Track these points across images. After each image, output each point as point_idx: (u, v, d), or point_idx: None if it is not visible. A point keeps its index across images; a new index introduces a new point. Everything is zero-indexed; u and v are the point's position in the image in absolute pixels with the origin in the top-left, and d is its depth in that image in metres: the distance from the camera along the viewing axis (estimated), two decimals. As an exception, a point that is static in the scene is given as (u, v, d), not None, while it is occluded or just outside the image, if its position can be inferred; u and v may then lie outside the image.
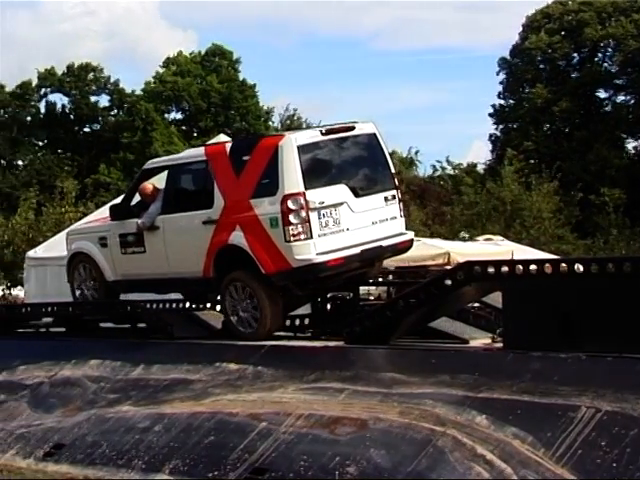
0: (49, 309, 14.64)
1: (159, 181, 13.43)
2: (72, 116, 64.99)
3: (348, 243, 11.73)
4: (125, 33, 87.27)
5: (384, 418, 9.14)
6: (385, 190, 12.26)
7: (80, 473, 10.37)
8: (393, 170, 12.56)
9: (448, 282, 10.39)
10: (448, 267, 17.50)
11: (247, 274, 11.90)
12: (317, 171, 11.82)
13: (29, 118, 64.21)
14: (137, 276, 13.28)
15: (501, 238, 26.47)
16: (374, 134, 12.44)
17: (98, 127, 65.44)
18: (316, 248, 11.50)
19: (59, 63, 64.67)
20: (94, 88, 65.28)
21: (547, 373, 8.95)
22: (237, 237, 11.84)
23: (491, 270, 10.01)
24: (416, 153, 63.63)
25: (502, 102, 58.56)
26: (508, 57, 57.93)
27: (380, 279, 14.67)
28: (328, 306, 13.00)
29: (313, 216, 11.48)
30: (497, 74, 58.22)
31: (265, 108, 64.81)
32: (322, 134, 11.96)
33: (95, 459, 10.57)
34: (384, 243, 12.07)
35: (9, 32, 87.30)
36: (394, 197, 12.33)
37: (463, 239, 29.79)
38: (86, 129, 65.98)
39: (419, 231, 34.43)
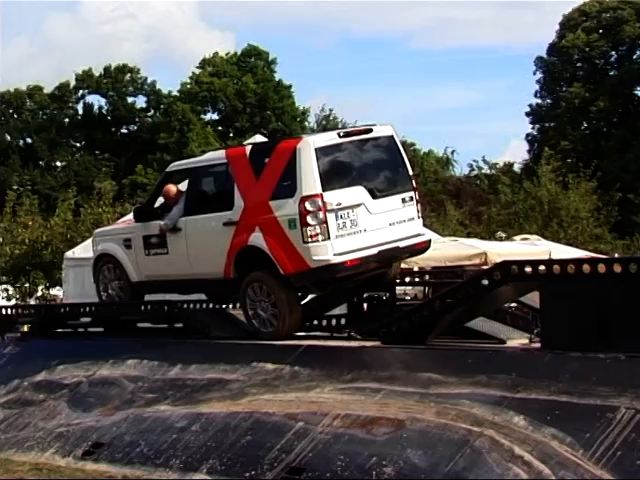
0: (87, 309, 14.75)
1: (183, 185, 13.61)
2: (109, 117, 65.43)
3: (365, 244, 11.83)
4: (164, 35, 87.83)
5: (421, 418, 9.12)
6: (403, 191, 12.33)
7: (118, 472, 10.43)
8: (411, 172, 12.60)
9: (485, 282, 10.34)
10: (485, 267, 17.42)
11: (266, 275, 12.04)
12: (335, 173, 11.93)
13: (67, 120, 64.74)
14: (160, 277, 13.43)
15: (538, 238, 26.32)
16: (392, 136, 12.57)
17: (135, 128, 65.84)
18: (333, 249, 11.62)
19: (98, 65, 65.20)
20: (131, 89, 65.70)
21: (586, 373, 8.89)
22: (256, 238, 11.99)
23: (528, 270, 9.95)
24: (452, 153, 63.54)
25: (539, 101, 58.30)
26: (545, 56, 57.60)
27: (417, 279, 14.65)
28: (364, 306, 13.01)
29: (331, 217, 11.61)
30: (534, 73, 58.01)
31: (301, 108, 64.92)
32: (340, 136, 12.10)
33: (133, 458, 10.63)
34: (401, 244, 12.14)
35: (50, 35, 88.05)
36: (412, 198, 12.38)
37: (500, 239, 29.67)
38: (123, 130, 66.43)
39: (456, 231, 34.41)
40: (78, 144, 65.80)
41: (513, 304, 12.42)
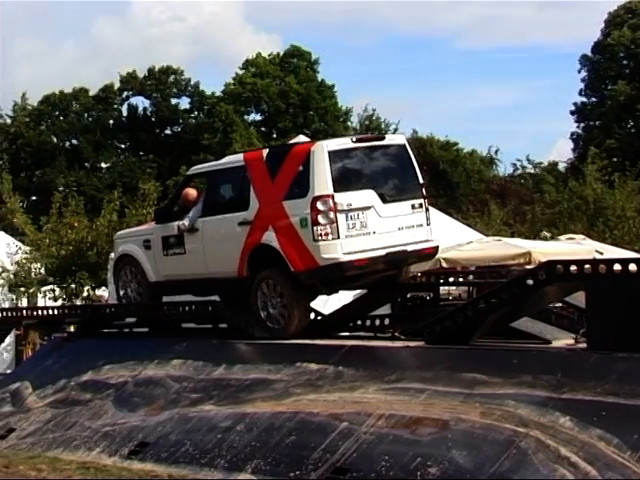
0: (132, 309, 14.86)
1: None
2: (153, 119, 65.81)
3: (374, 245, 12.15)
4: (211, 37, 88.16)
5: (466, 419, 9.09)
6: (412, 198, 12.64)
7: (164, 471, 10.49)
8: (421, 180, 12.87)
9: (530, 282, 10.28)
10: (529, 267, 17.30)
11: (278, 272, 12.38)
12: (346, 176, 12.30)
13: (112, 121, 65.19)
14: (177, 277, 13.78)
15: (583, 237, 26.07)
16: (404, 145, 12.92)
17: (179, 129, 66.16)
18: (342, 248, 11.94)
19: (144, 67, 65.60)
20: (175, 91, 66.04)
21: (632, 374, 8.81)
22: (269, 237, 12.37)
23: (574, 269, 9.87)
24: (496, 152, 63.24)
25: (584, 100, 57.81)
26: (590, 54, 57.11)
27: (460, 279, 14.59)
28: (408, 306, 12.97)
29: (341, 218, 11.96)
30: (579, 72, 57.56)
31: (344, 109, 64.88)
32: (353, 142, 12.50)
33: (179, 458, 10.69)
34: (409, 248, 12.45)
35: (99, 38, 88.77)
36: (421, 205, 12.70)
37: (545, 238, 29.42)
38: (167, 131, 66.76)
39: (500, 230, 34.16)
40: (122, 145, 66.26)
41: (558, 304, 12.32)
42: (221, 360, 12.18)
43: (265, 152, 13.07)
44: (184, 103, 66.49)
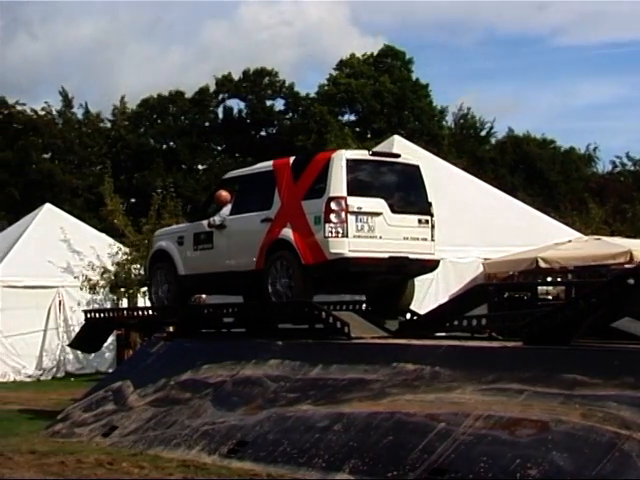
0: (230, 310, 15.03)
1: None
2: (248, 120, 66.35)
3: (378, 248, 13.31)
4: (316, 40, 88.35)
5: (566, 420, 8.96)
6: (420, 213, 13.81)
7: (263, 470, 10.57)
8: (430, 200, 13.95)
9: (631, 281, 10.06)
10: (630, 266, 16.98)
11: (290, 255, 13.53)
12: (360, 183, 13.52)
13: (208, 123, 65.94)
14: (202, 271, 15.04)
15: (687, 235, 25.49)
16: (417, 166, 14.11)
17: (274, 131, 66.58)
18: (349, 246, 13.15)
19: (238, 69, 66.15)
20: (269, 92, 66.50)
21: None
22: (286, 232, 13.63)
23: (677, 268, 9.66)
24: (594, 149, 62.17)
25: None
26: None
27: (559, 278, 14.40)
28: (506, 306, 12.86)
29: (351, 219, 13.18)
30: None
31: (439, 108, 64.52)
32: (369, 155, 13.90)
33: (277, 457, 10.77)
34: (411, 256, 13.55)
35: (206, 42, 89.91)
36: (427, 222, 13.85)
37: (645, 237, 28.85)
38: (262, 133, 67.25)
39: (599, 229, 33.55)
40: (219, 147, 66.94)
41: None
42: (318, 360, 12.23)
43: (292, 159, 14.33)
44: (279, 104, 66.93)
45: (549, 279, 13.87)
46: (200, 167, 64.94)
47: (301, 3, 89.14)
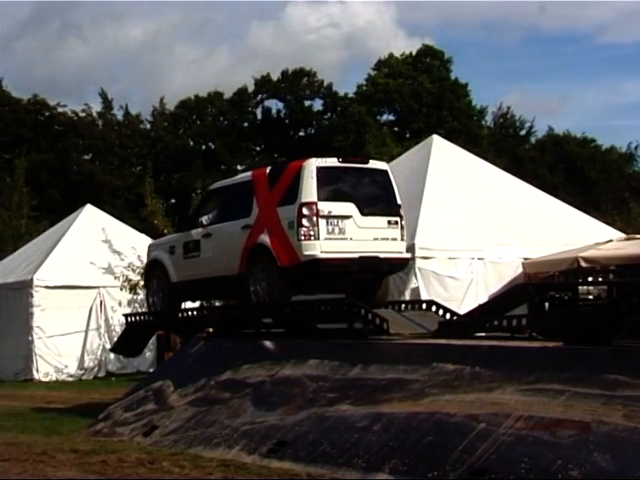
0: (269, 309, 15.06)
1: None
2: (287, 121, 66.51)
3: (349, 249, 14.20)
4: (363, 43, 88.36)
5: (608, 421, 8.87)
6: (389, 215, 14.72)
7: (302, 470, 10.57)
8: (399, 202, 14.87)
9: (674, 281, 9.99)
10: (672, 265, 16.80)
11: (267, 258, 14.43)
12: (330, 189, 14.41)
13: (246, 124, 66.17)
14: (191, 277, 16.19)
15: None
16: (385, 171, 15.06)
17: (312, 131, 66.67)
18: (321, 247, 14.06)
19: (277, 70, 66.27)
20: (308, 93, 66.58)
21: None
22: (264, 237, 14.59)
23: None
24: (636, 148, 61.66)
25: None
26: None
27: (600, 278, 14.29)
28: (546, 306, 12.78)
29: (322, 222, 14.09)
30: None
31: (478, 107, 64.29)
32: (339, 162, 14.69)
33: (317, 457, 10.76)
34: (381, 255, 14.43)
35: (253, 43, 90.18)
36: (397, 223, 14.79)
37: (688, 236, 28.50)
38: (301, 133, 67.38)
39: (640, 229, 33.23)
40: (257, 148, 67.16)
41: None
42: (357, 360, 12.22)
43: (268, 168, 15.28)
44: (317, 105, 67.00)
45: (590, 279, 13.71)
46: (239, 167, 65.02)
47: (348, 4, 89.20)
